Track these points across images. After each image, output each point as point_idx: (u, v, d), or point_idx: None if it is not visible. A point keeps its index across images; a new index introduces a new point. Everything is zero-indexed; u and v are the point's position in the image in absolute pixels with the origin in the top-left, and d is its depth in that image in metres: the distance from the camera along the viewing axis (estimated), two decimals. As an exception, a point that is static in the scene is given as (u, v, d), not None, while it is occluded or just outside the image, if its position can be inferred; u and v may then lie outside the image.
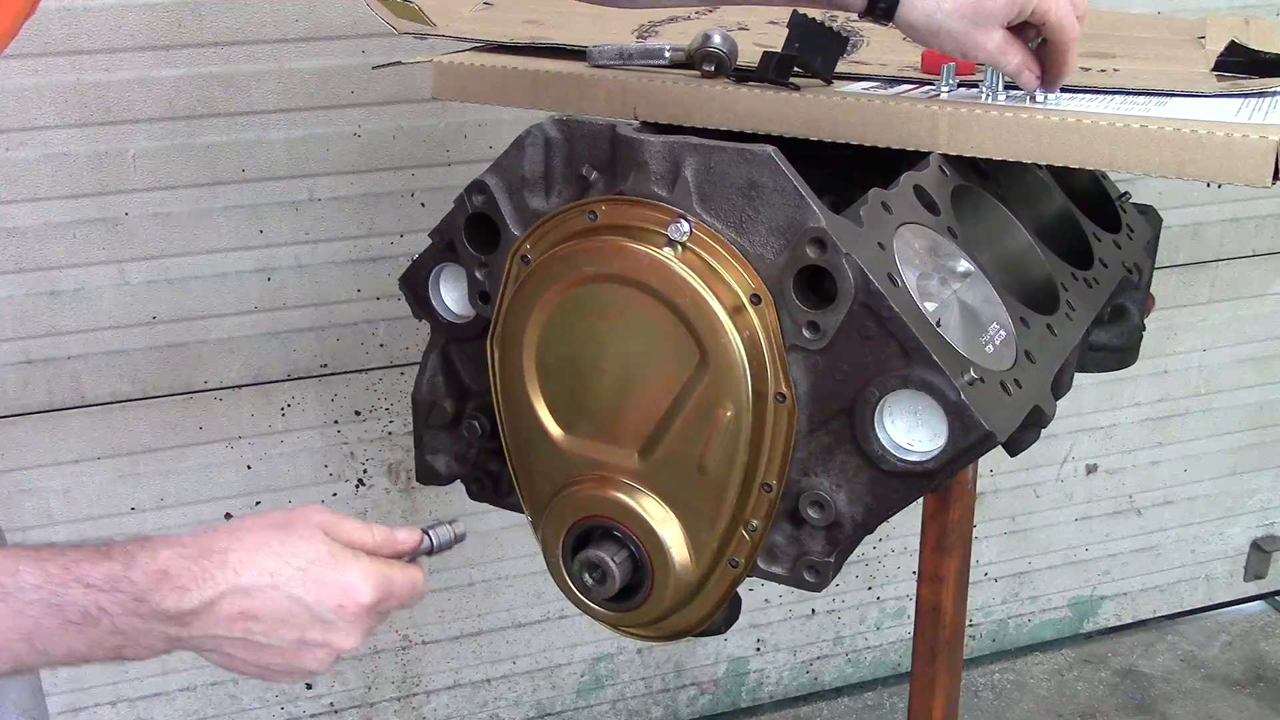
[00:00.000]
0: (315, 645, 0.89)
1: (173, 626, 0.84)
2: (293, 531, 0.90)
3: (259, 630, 0.87)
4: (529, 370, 1.08)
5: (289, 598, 0.87)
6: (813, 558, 1.04)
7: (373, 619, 0.92)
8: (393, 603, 0.93)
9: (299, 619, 0.88)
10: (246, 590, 0.86)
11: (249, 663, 0.89)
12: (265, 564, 0.87)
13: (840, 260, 0.94)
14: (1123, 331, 1.30)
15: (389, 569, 0.93)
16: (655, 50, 1.20)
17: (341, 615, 0.89)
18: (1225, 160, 1.00)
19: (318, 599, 0.88)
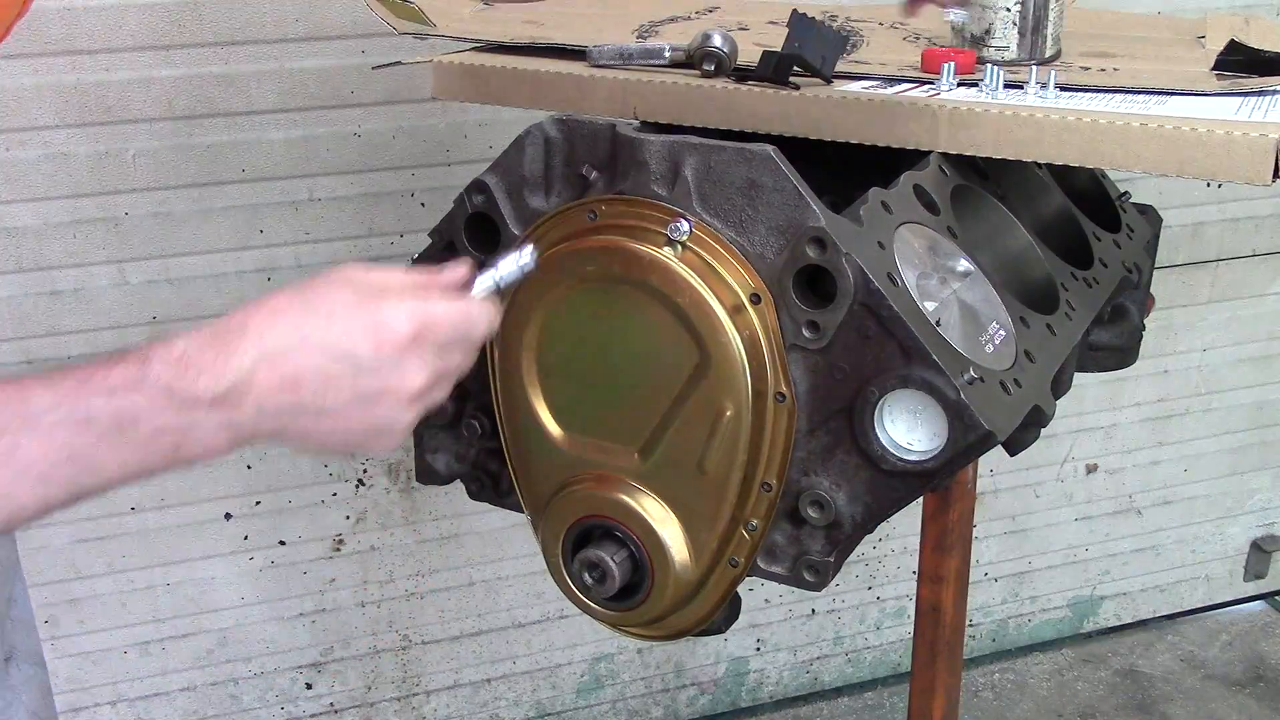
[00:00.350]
0: (377, 395, 0.82)
1: (219, 412, 0.78)
2: (314, 288, 0.83)
3: (308, 396, 0.80)
4: (529, 370, 1.08)
5: (322, 350, 0.80)
6: (813, 557, 1.04)
7: (423, 352, 0.83)
8: (441, 332, 0.84)
9: (342, 372, 0.81)
10: (275, 355, 0.79)
11: (325, 434, 0.82)
12: (288, 324, 0.81)
13: (840, 260, 0.94)
14: (1123, 331, 1.30)
15: (425, 299, 0.85)
16: (655, 50, 1.20)
17: (382, 356, 0.81)
18: (1225, 158, 1.00)
19: (351, 346, 0.81)
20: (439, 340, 0.84)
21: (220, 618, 2.13)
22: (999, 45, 1.28)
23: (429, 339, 0.83)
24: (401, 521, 2.18)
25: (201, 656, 2.14)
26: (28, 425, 0.74)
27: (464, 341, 0.87)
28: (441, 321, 0.84)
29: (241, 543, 2.09)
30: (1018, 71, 1.20)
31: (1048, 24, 1.29)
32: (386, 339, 0.81)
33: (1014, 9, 1.27)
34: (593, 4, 1.52)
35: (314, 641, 2.21)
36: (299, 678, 2.22)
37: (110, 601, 2.05)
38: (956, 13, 0.92)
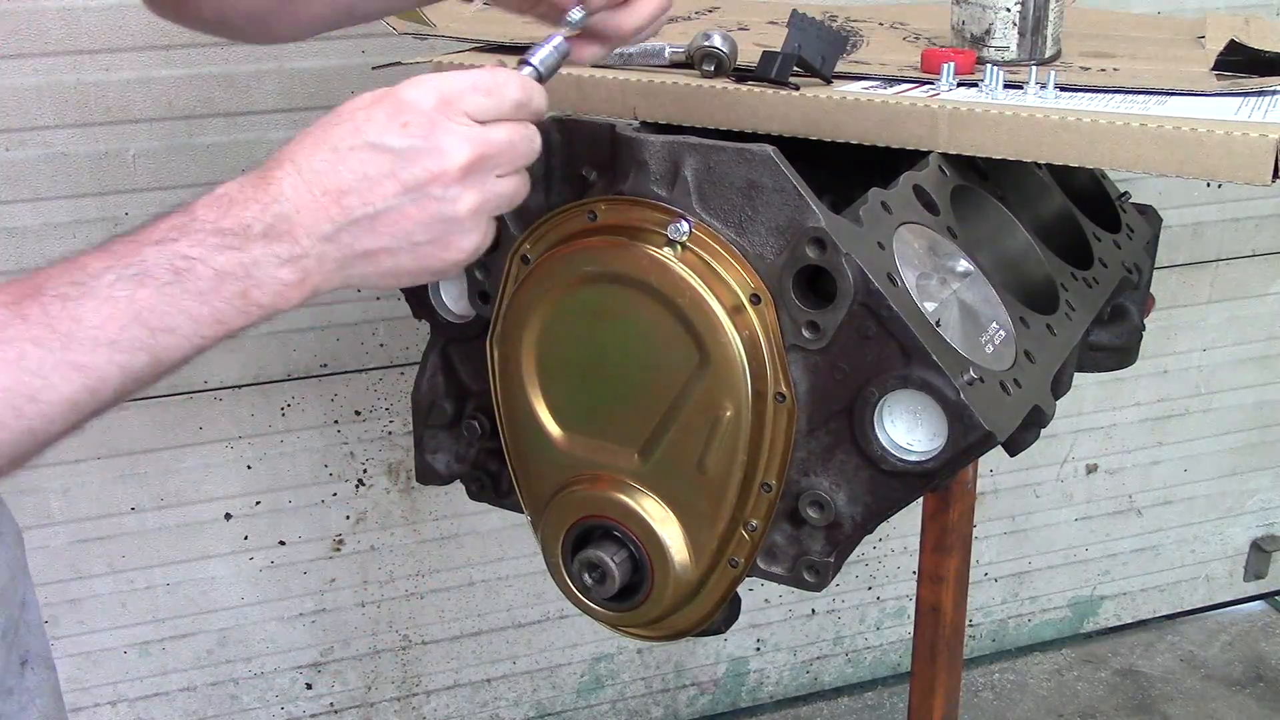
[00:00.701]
0: (423, 183, 0.77)
1: (276, 245, 0.75)
2: (339, 106, 0.81)
3: (356, 202, 0.77)
4: (529, 370, 1.08)
5: (352, 150, 0.77)
6: (813, 558, 1.04)
7: (456, 122, 0.79)
8: (469, 98, 0.80)
9: (379, 165, 0.77)
10: (312, 170, 0.77)
11: (394, 251, 0.79)
12: (315, 140, 0.79)
13: (840, 260, 0.94)
14: (1122, 331, 1.30)
15: (439, 74, 0.81)
16: (655, 50, 1.20)
17: (411, 134, 0.77)
18: (1225, 159, 1.00)
19: (379, 133, 0.77)
20: (468, 106, 0.79)
21: (220, 618, 2.13)
22: (999, 45, 1.29)
23: (457, 105, 0.79)
24: (401, 521, 2.18)
25: (201, 656, 2.14)
26: (86, 291, 0.71)
27: (501, 109, 0.81)
28: (463, 86, 0.80)
29: (241, 543, 2.09)
30: (1018, 71, 1.20)
31: (1048, 24, 1.29)
32: (410, 116, 0.78)
33: (1014, 9, 1.27)
34: (593, 4, 1.52)
35: (314, 641, 2.21)
36: (299, 678, 2.22)
37: (110, 601, 2.05)
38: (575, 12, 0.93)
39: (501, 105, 0.81)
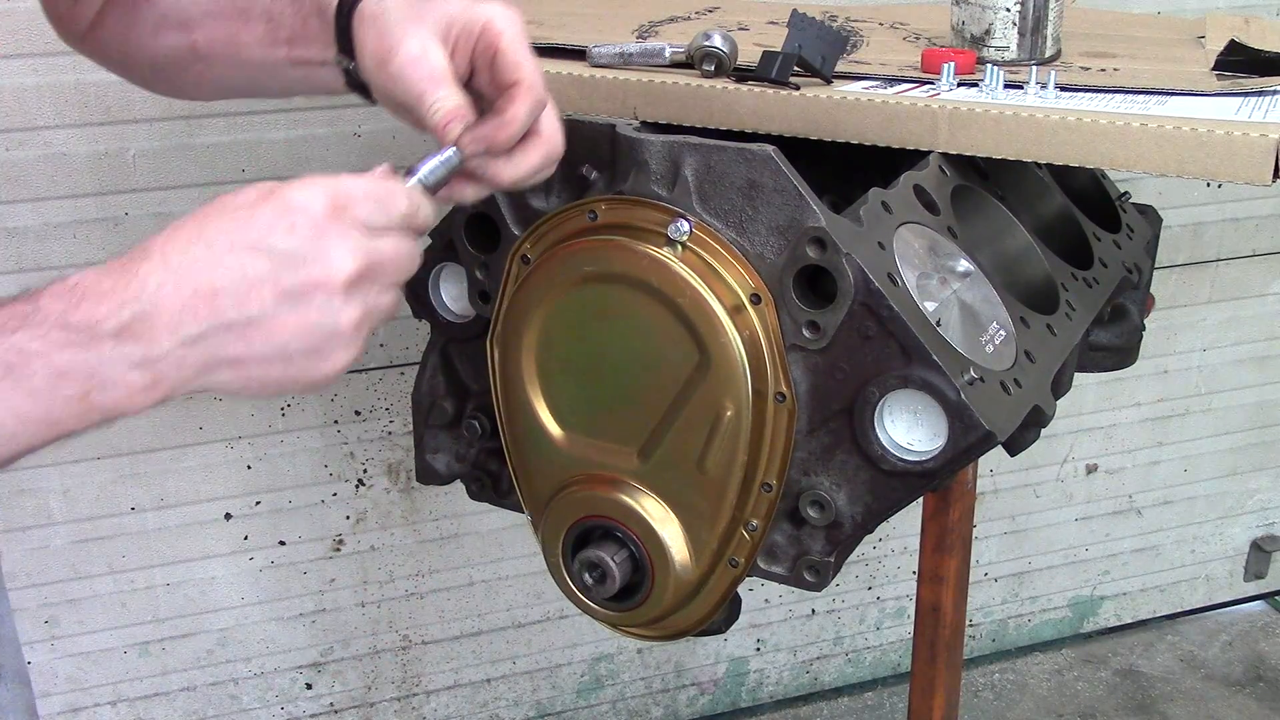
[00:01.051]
0: (305, 289, 0.72)
1: (130, 346, 0.69)
2: (218, 199, 0.75)
3: (228, 305, 0.71)
4: (529, 370, 1.08)
5: (231, 249, 0.71)
6: (813, 557, 1.04)
7: (344, 230, 0.74)
8: (361, 206, 0.75)
9: (258, 269, 0.71)
10: (182, 266, 0.70)
11: (262, 361, 0.73)
12: (191, 232, 0.71)
13: (840, 260, 0.94)
14: (1123, 331, 1.30)
15: (334, 177, 0.76)
16: (655, 50, 1.20)
17: (297, 238, 0.72)
18: (1225, 158, 1.00)
19: (261, 233, 0.72)
20: (360, 216, 0.75)
21: (220, 618, 2.13)
22: (999, 45, 1.28)
23: (347, 212, 0.74)
24: (401, 521, 2.18)
25: (201, 656, 2.14)
26: None
27: (390, 220, 0.77)
28: (358, 192, 0.75)
29: (241, 543, 2.09)
30: (1018, 71, 1.20)
31: (1048, 24, 1.28)
32: (299, 219, 0.72)
33: (1014, 9, 1.27)
34: (593, 4, 1.52)
35: (314, 641, 2.21)
36: (299, 678, 2.22)
37: (110, 601, 2.05)
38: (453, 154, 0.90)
39: (391, 216, 0.77)
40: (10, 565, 1.98)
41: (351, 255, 0.74)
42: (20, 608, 2.00)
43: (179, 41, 1.02)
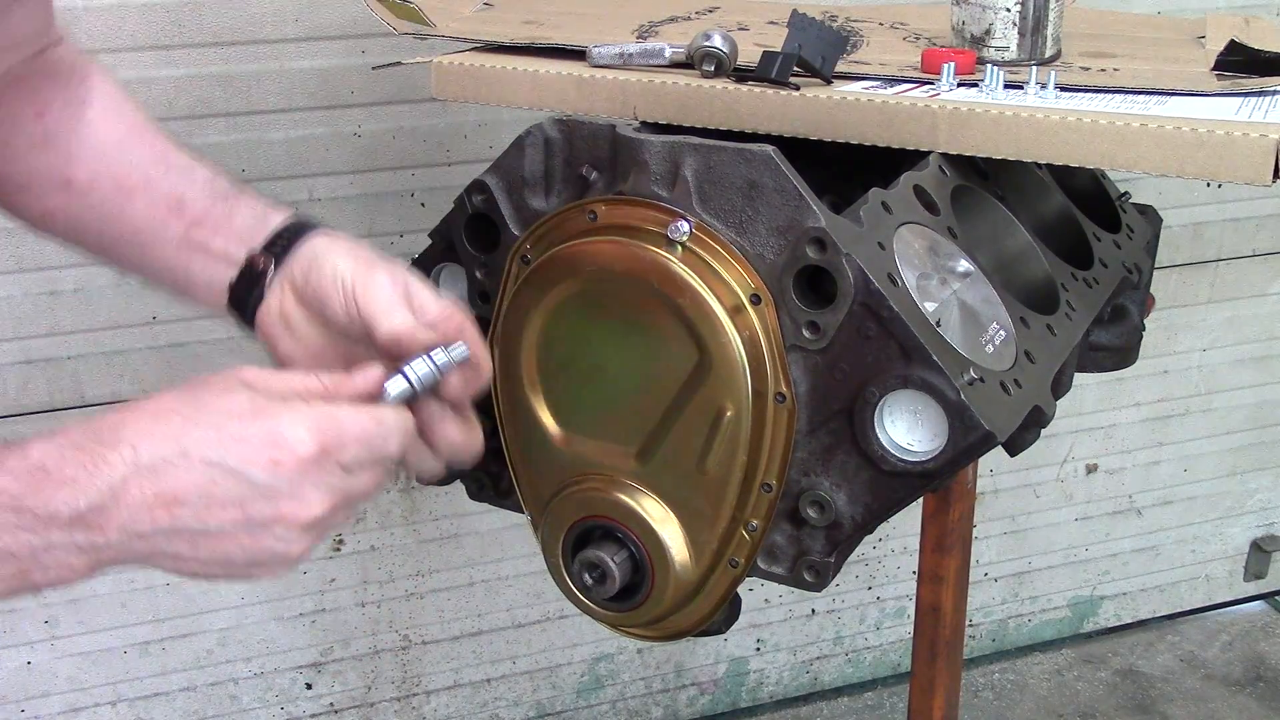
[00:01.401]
0: (267, 522, 0.71)
1: (79, 533, 0.68)
2: (204, 389, 0.73)
3: (189, 516, 0.70)
4: (529, 370, 1.08)
5: (207, 465, 0.70)
6: (813, 558, 1.04)
7: (326, 474, 0.73)
8: (350, 450, 0.74)
9: (230, 492, 0.70)
10: (152, 468, 0.69)
11: (204, 562, 0.72)
12: (169, 431, 0.70)
13: (840, 260, 0.94)
14: (1123, 331, 1.30)
15: (334, 408, 0.74)
16: (655, 50, 1.20)
17: (278, 474, 0.71)
18: (1225, 159, 1.00)
19: (243, 459, 0.70)
20: (345, 459, 0.74)
21: (220, 618, 2.13)
22: (999, 45, 1.28)
23: (334, 457, 0.74)
24: (401, 521, 2.18)
25: (201, 656, 2.14)
26: None
27: (374, 460, 0.77)
28: (349, 436, 0.74)
29: (241, 543, 2.09)
30: (1018, 71, 1.20)
31: (1048, 24, 1.28)
32: (285, 457, 0.71)
33: (1014, 9, 1.27)
34: (593, 4, 1.52)
35: (314, 641, 2.21)
36: (299, 678, 2.22)
37: (110, 601, 2.05)
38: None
39: (376, 459, 0.77)
40: (10, 565, 1.98)
41: (325, 499, 0.73)
42: (20, 608, 2.00)
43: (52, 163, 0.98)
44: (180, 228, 0.95)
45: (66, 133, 0.97)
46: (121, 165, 0.97)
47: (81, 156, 0.97)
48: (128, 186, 0.96)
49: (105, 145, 0.98)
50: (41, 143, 0.97)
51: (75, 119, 0.98)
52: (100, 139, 0.98)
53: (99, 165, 0.97)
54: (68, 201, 0.97)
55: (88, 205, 0.97)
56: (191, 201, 0.96)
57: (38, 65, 0.98)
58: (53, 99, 0.97)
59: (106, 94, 1.00)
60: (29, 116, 0.97)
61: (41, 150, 0.97)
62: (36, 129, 0.97)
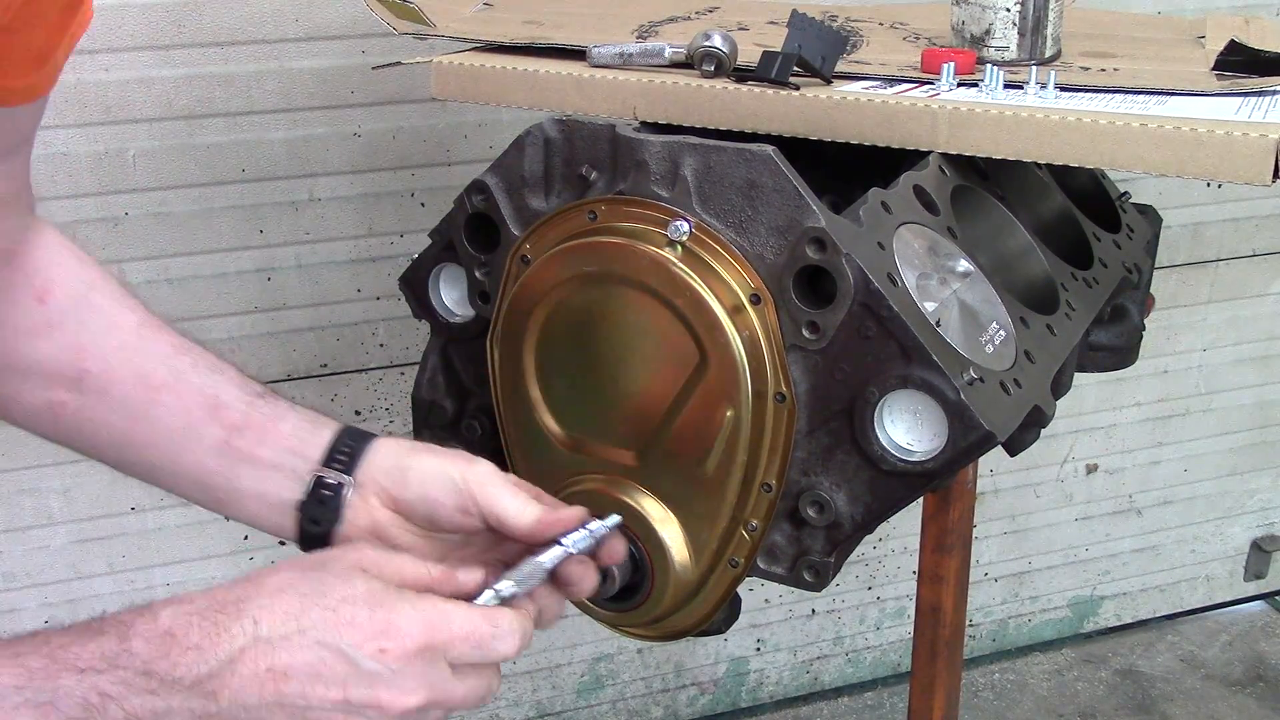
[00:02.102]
0: (363, 706, 0.74)
1: (197, 699, 0.71)
2: (325, 569, 0.77)
3: (293, 692, 0.72)
4: (529, 370, 1.08)
5: (319, 645, 0.73)
6: (813, 558, 1.04)
7: (429, 668, 0.76)
8: (457, 649, 0.76)
9: (336, 672, 0.73)
10: (269, 641, 0.72)
11: None
12: (289, 607, 0.74)
13: (840, 260, 0.94)
14: (1123, 331, 1.30)
15: (448, 606, 0.77)
16: (655, 50, 1.20)
17: (384, 662, 0.74)
18: (1225, 159, 1.00)
19: (353, 643, 0.73)
20: (451, 655, 0.77)
21: (220, 618, 2.13)
22: (999, 45, 1.28)
23: (440, 654, 0.76)
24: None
25: (201, 656, 2.14)
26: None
27: (483, 659, 0.78)
28: (458, 635, 0.76)
29: (241, 543, 2.09)
30: (1018, 71, 1.20)
31: (1048, 24, 1.28)
32: (392, 646, 0.74)
33: (1014, 9, 1.27)
34: (593, 4, 1.52)
35: (314, 641, 2.20)
36: (299, 678, 2.22)
37: (110, 601, 2.05)
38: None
39: (484, 660, 0.78)
40: (10, 565, 1.98)
41: (421, 691, 0.75)
42: (20, 608, 2.00)
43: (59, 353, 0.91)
44: (219, 433, 0.92)
45: (75, 320, 0.91)
46: (144, 358, 0.92)
47: (95, 347, 0.91)
48: (153, 383, 0.91)
49: (122, 336, 0.92)
50: (45, 329, 0.91)
51: (84, 305, 0.92)
52: (115, 329, 0.92)
53: (117, 358, 0.92)
54: (80, 397, 0.91)
55: (106, 403, 0.91)
56: (229, 404, 0.92)
57: (24, 239, 0.91)
58: (54, 280, 0.91)
59: (107, 279, 0.94)
60: (29, 299, 0.91)
61: (45, 337, 0.91)
62: (39, 314, 0.91)
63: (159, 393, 0.91)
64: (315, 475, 0.91)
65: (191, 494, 0.94)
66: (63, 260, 0.93)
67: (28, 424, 0.93)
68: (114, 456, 0.94)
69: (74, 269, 0.93)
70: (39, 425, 0.93)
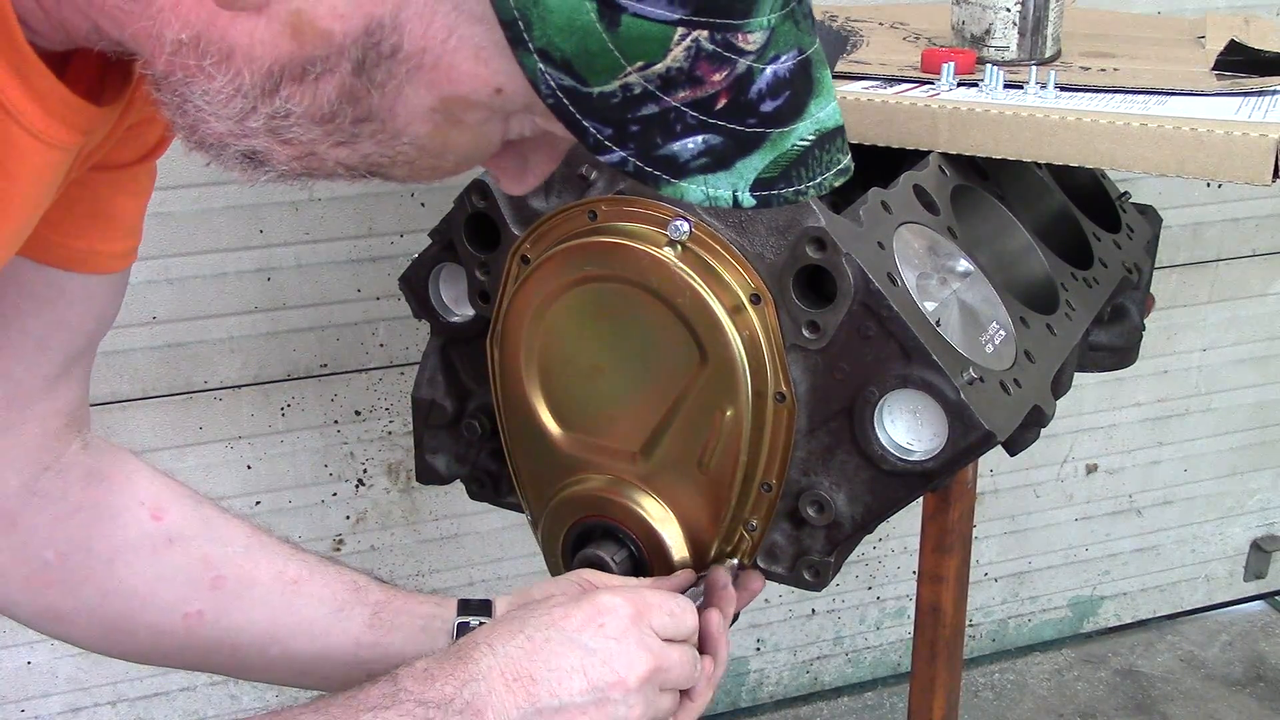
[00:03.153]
0: (606, 684, 0.82)
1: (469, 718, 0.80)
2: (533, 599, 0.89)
3: (543, 691, 0.81)
4: (529, 370, 1.08)
5: (546, 640, 0.83)
6: (813, 557, 1.04)
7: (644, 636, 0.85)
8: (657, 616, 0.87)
9: (572, 661, 0.82)
10: (507, 655, 0.82)
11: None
12: (511, 625, 0.84)
13: (840, 260, 0.94)
14: (1123, 331, 1.30)
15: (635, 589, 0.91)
16: (655, 50, 1.20)
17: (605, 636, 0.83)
18: (1225, 158, 1.00)
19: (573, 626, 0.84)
20: (655, 622, 0.86)
21: (220, 618, 2.13)
22: (999, 45, 1.29)
23: (646, 619, 0.85)
24: (401, 521, 2.18)
25: (201, 656, 2.14)
26: None
27: (679, 627, 0.88)
28: (654, 603, 0.87)
29: (241, 543, 2.09)
30: (1018, 71, 1.20)
31: (1048, 24, 1.29)
32: (608, 620, 0.83)
33: (1014, 9, 1.27)
34: (593, 4, 1.52)
35: (314, 641, 2.21)
36: (299, 678, 2.22)
37: (110, 601, 2.05)
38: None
39: (680, 628, 0.88)
40: (10, 565, 1.98)
41: (646, 656, 0.84)
42: (20, 608, 2.00)
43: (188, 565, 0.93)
44: (367, 611, 0.97)
45: (195, 533, 0.94)
46: (271, 558, 0.96)
47: (222, 555, 0.94)
48: (289, 578, 0.96)
49: (244, 540, 0.96)
50: (166, 545, 0.93)
51: (199, 519, 0.95)
52: (234, 536, 0.96)
53: (248, 561, 0.95)
54: (217, 604, 0.94)
55: (246, 603, 0.94)
56: (365, 586, 0.99)
57: (111, 460, 0.93)
58: (164, 498, 0.94)
59: (198, 493, 0.97)
60: (143, 518, 0.93)
61: (167, 553, 0.93)
62: (158, 531, 0.93)
63: (299, 585, 0.96)
64: (458, 623, 0.98)
65: (337, 674, 0.97)
66: (159, 478, 0.96)
67: (150, 646, 0.95)
68: (255, 657, 0.96)
69: (175, 485, 0.96)
70: (166, 644, 0.95)
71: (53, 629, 0.95)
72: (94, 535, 0.91)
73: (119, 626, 0.94)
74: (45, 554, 0.90)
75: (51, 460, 0.90)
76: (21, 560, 0.90)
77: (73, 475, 0.91)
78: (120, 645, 0.95)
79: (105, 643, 0.95)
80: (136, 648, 0.95)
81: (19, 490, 0.88)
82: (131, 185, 0.89)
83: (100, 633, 0.94)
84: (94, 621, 0.93)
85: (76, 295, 0.86)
